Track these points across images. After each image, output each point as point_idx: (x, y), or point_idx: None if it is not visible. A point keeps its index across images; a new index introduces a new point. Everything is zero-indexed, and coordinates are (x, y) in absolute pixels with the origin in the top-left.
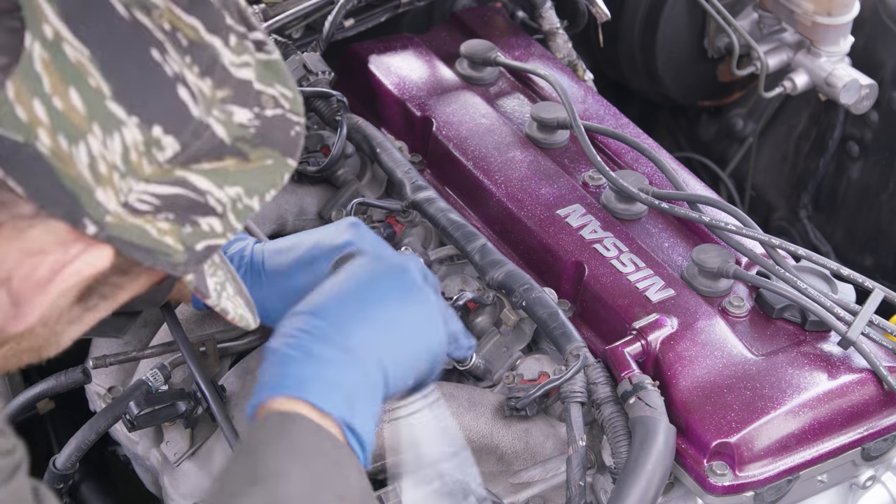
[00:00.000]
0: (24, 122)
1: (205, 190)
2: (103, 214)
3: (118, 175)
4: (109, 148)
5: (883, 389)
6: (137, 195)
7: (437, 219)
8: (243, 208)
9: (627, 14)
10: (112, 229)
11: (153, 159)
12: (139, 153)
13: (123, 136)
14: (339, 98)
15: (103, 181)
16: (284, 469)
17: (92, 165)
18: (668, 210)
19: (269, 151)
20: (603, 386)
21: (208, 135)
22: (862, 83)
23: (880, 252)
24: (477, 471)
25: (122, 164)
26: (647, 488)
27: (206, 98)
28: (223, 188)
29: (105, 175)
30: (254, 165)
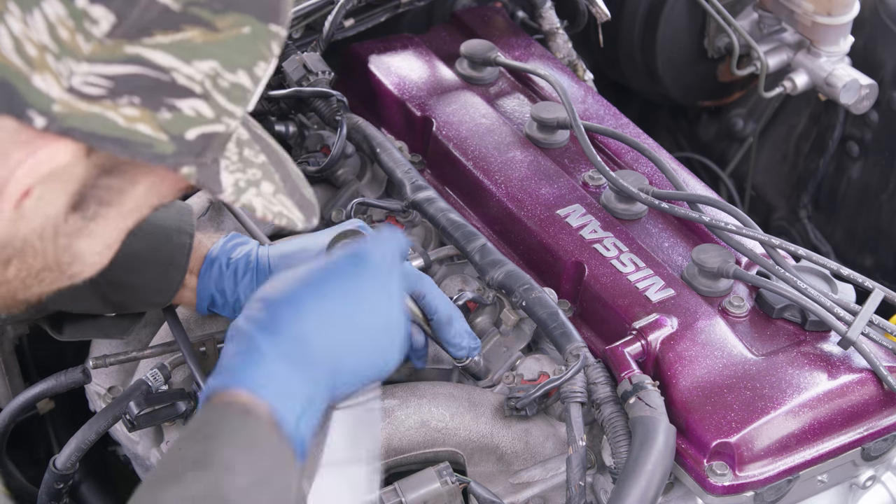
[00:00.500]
0: None
1: (167, 66)
2: (48, 103)
3: (52, 57)
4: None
5: (883, 389)
6: (83, 77)
7: (436, 219)
8: (230, 86)
9: (627, 14)
10: (65, 120)
11: (89, 35)
12: (69, 29)
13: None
14: (339, 98)
15: (37, 65)
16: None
17: (18, 48)
18: (668, 210)
19: (241, 17)
20: (603, 386)
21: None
22: (862, 83)
23: (880, 252)
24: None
25: (52, 43)
26: (647, 488)
27: None
28: (191, 63)
29: (36, 58)
30: (226, 35)
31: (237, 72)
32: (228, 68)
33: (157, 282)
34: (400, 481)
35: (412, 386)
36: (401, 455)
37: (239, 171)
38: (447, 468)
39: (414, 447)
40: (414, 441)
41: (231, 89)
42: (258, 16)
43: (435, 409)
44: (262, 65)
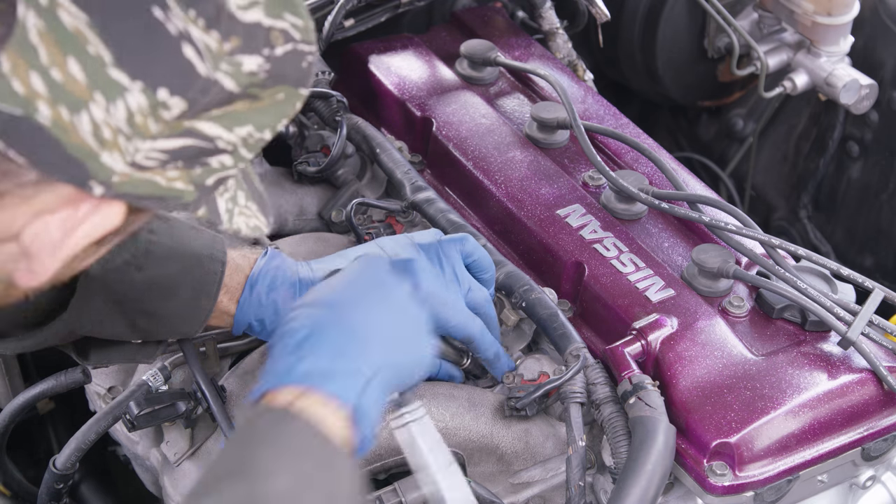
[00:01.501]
0: (22, 95)
1: (214, 136)
2: (110, 175)
3: (123, 138)
4: (113, 114)
5: (883, 389)
6: (145, 153)
7: (436, 219)
8: (255, 142)
9: (627, 14)
10: (120, 188)
11: (159, 118)
12: (144, 116)
13: (127, 101)
14: (339, 98)
15: (108, 145)
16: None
17: (95, 132)
18: (668, 210)
19: (281, 88)
20: (602, 386)
21: (216, 90)
22: (862, 83)
23: (880, 252)
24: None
25: (126, 127)
26: (647, 488)
27: (212, 53)
28: (233, 130)
29: (110, 140)
30: (265, 103)
31: (264, 131)
32: (259, 129)
33: (186, 310)
34: (400, 481)
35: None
36: (401, 455)
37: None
38: None
39: None
40: None
41: (255, 143)
42: (294, 84)
43: (435, 409)
44: (285, 120)
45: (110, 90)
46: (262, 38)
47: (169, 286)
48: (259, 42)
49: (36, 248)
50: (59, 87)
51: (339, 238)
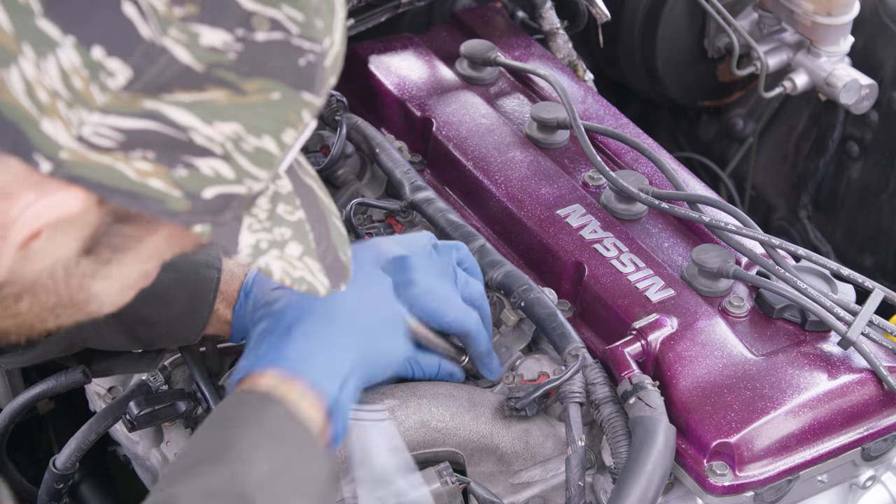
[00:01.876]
0: None
1: (185, 125)
2: (55, 149)
3: (63, 104)
4: (45, 71)
5: (883, 389)
6: (93, 128)
7: (435, 219)
8: (254, 150)
9: (627, 14)
10: (73, 168)
11: (104, 87)
12: (83, 79)
13: (59, 58)
14: (339, 98)
15: (47, 110)
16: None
17: (29, 91)
18: (668, 210)
19: (270, 83)
20: (602, 386)
21: (166, 59)
22: (862, 83)
23: (880, 252)
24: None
25: (64, 90)
26: (647, 488)
27: (158, 15)
28: (212, 124)
29: (47, 103)
30: (253, 99)
31: (262, 136)
32: (252, 132)
33: (183, 318)
34: None
35: (412, 386)
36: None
37: (264, 230)
38: (447, 468)
39: (414, 447)
40: (414, 441)
41: (255, 153)
42: (290, 83)
43: (435, 409)
44: (291, 132)
45: (40, 43)
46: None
47: (165, 294)
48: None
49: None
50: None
51: None
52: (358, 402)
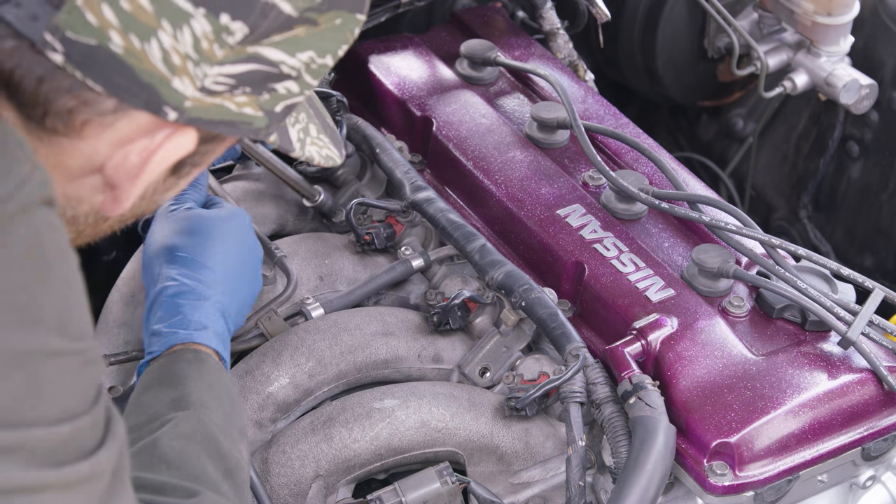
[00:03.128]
0: (95, 26)
1: (277, 60)
2: (182, 101)
3: (192, 63)
4: (180, 40)
5: (883, 389)
6: (213, 78)
7: (436, 219)
8: (318, 67)
9: (627, 14)
10: (192, 112)
11: (223, 43)
12: (210, 41)
13: (192, 27)
14: (339, 98)
15: (178, 71)
16: (206, 401)
17: (165, 58)
18: (668, 210)
19: (337, 13)
20: (602, 386)
21: (275, 13)
22: (862, 83)
23: (880, 252)
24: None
25: (194, 53)
26: (647, 488)
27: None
28: (295, 55)
29: (179, 65)
30: (323, 28)
31: (326, 56)
32: (321, 55)
33: None
34: (400, 481)
35: (412, 386)
36: (401, 455)
37: (297, 122)
38: (447, 468)
39: (414, 447)
40: (414, 441)
41: (318, 69)
42: (348, 8)
43: (435, 409)
44: (345, 47)
45: (176, 17)
46: None
47: None
48: None
49: (118, 177)
50: (128, 16)
51: (339, 238)
52: None
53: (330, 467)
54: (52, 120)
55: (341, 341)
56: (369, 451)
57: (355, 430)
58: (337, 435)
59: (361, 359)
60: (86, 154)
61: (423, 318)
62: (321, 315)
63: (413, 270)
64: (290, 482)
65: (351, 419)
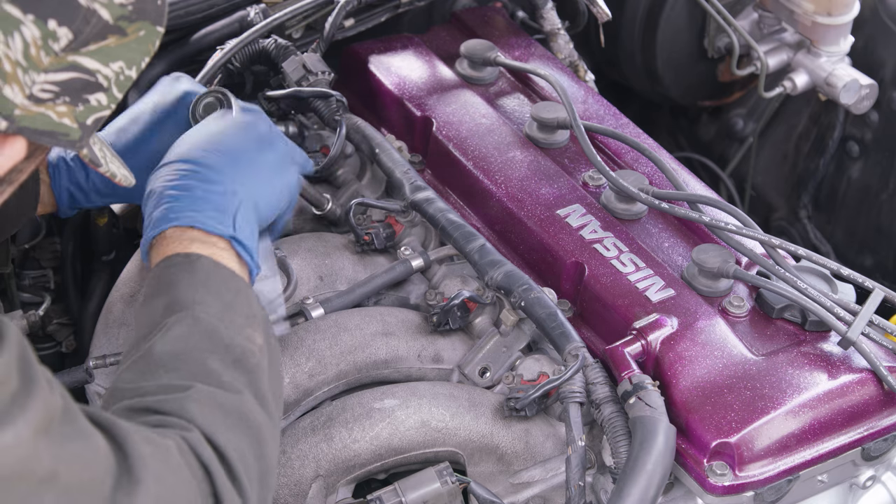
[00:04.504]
0: None
1: (94, 69)
2: (13, 109)
3: (21, 70)
4: (11, 47)
5: (883, 389)
6: (40, 85)
7: (436, 219)
8: (125, 79)
9: (627, 14)
10: (21, 121)
11: (50, 50)
12: (38, 47)
13: (23, 33)
14: (339, 98)
15: (9, 78)
16: (200, 297)
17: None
18: (668, 210)
19: (143, 24)
20: (602, 386)
21: (95, 20)
22: (862, 83)
23: (880, 252)
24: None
25: (24, 59)
26: (647, 488)
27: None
28: (108, 65)
29: (10, 72)
30: (130, 38)
31: (132, 67)
32: (128, 65)
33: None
34: (400, 481)
35: (412, 386)
36: (401, 455)
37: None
38: (447, 468)
39: (414, 447)
40: (414, 441)
41: (124, 81)
42: (152, 20)
43: (435, 409)
44: (147, 59)
45: (7, 24)
46: None
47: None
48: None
49: None
50: None
51: (338, 238)
52: None
53: (330, 467)
54: None
55: (341, 341)
56: (369, 451)
57: (355, 431)
58: (337, 435)
59: (361, 359)
60: None
61: (423, 318)
62: (321, 315)
63: (413, 270)
64: (290, 482)
65: (351, 419)
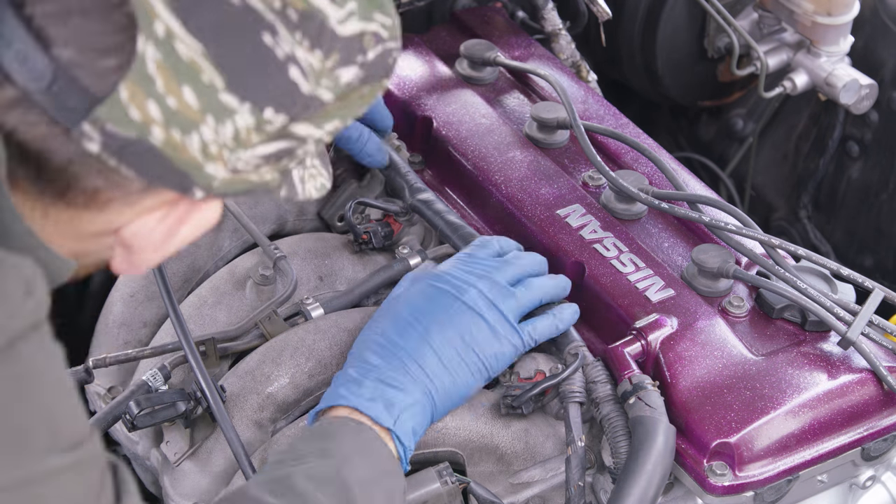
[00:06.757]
0: (138, 121)
1: (306, 135)
2: (212, 182)
3: (228, 151)
4: (221, 133)
5: (883, 389)
6: (245, 161)
7: (434, 221)
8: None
9: (627, 14)
10: (218, 190)
11: (262, 133)
12: (249, 131)
13: (235, 122)
14: None
15: (213, 158)
16: (353, 458)
17: (204, 149)
18: (668, 210)
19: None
20: (602, 385)
21: (316, 104)
22: (862, 83)
23: (880, 252)
24: None
25: (232, 142)
26: (647, 488)
27: (315, 71)
28: (322, 127)
29: (215, 153)
30: (351, 99)
31: (347, 120)
32: (343, 122)
33: None
34: None
35: None
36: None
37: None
38: (447, 468)
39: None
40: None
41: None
42: (380, 76)
43: None
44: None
45: (221, 113)
46: (357, 47)
47: None
48: (355, 52)
49: (137, 244)
50: (173, 112)
51: (338, 238)
52: None
53: None
54: (73, 195)
55: (341, 341)
56: None
57: None
58: None
59: None
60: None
61: None
62: (321, 315)
63: (411, 269)
64: None
65: None
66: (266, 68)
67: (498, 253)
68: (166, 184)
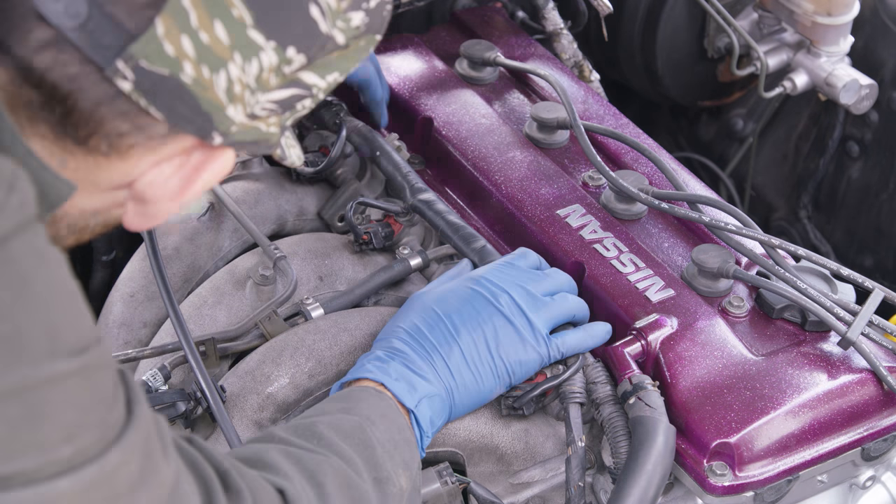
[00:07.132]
0: (172, 56)
1: (312, 84)
2: (230, 126)
3: (249, 92)
4: (247, 72)
5: (883, 389)
6: (262, 105)
7: (435, 222)
8: (333, 84)
9: (627, 14)
10: (234, 136)
11: (280, 74)
12: (270, 71)
13: (261, 60)
14: (338, 103)
15: (235, 99)
16: (375, 419)
17: (229, 89)
18: (668, 210)
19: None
20: (602, 385)
21: (331, 45)
22: (862, 83)
23: (880, 252)
24: None
25: (254, 83)
26: (647, 488)
27: (332, 11)
28: (325, 77)
29: (238, 94)
30: (351, 50)
31: (344, 74)
32: (342, 74)
33: None
34: None
35: None
36: None
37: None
38: (447, 468)
39: None
40: None
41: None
42: (374, 31)
43: None
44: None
45: (248, 50)
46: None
47: None
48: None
49: (153, 195)
50: (205, 48)
51: (338, 238)
52: None
53: None
54: (96, 140)
55: (341, 341)
56: None
57: None
58: None
59: None
60: (122, 172)
61: None
62: (321, 315)
63: (411, 269)
64: None
65: None
66: (290, 5)
67: (536, 266)
68: (189, 127)
